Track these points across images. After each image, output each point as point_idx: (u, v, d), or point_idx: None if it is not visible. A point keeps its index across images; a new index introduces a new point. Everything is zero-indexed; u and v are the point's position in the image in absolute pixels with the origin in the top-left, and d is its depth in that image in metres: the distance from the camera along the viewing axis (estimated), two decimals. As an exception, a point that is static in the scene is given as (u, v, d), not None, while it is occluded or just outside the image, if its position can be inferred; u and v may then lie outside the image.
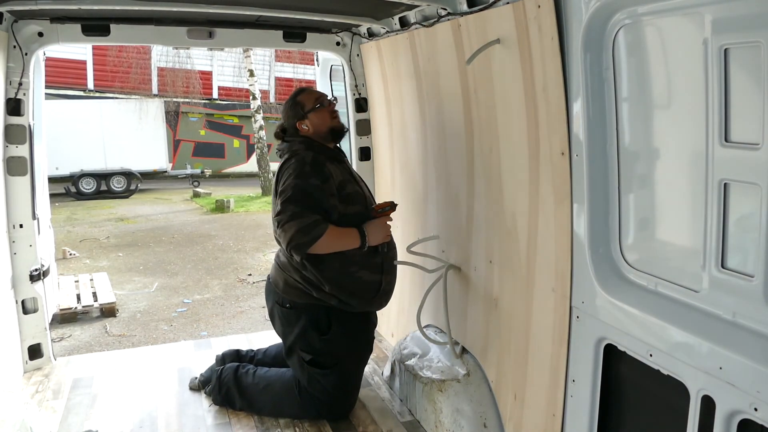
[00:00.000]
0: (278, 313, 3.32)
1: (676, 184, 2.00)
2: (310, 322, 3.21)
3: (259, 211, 15.16)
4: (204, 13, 3.61)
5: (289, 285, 3.23)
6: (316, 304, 3.19)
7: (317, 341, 3.21)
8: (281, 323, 3.33)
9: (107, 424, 3.28)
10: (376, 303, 3.31)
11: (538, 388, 2.63)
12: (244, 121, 21.64)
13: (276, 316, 3.36)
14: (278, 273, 3.30)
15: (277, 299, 3.31)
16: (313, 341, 3.22)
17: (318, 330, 3.21)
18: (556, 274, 2.44)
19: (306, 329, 3.22)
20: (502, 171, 2.79)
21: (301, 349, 3.25)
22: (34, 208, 3.71)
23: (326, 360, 3.23)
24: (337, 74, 4.72)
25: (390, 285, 3.34)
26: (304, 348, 3.24)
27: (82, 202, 17.18)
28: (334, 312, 3.20)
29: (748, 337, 1.73)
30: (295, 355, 3.28)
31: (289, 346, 3.31)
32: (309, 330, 3.21)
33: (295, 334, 3.26)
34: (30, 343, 3.79)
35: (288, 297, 3.25)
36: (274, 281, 3.33)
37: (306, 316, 3.21)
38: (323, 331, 3.21)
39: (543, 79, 2.37)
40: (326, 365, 3.24)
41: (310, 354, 3.23)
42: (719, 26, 1.71)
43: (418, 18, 3.33)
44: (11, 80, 3.49)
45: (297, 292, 3.21)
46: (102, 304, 7.22)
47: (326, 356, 3.23)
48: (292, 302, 3.24)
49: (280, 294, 3.28)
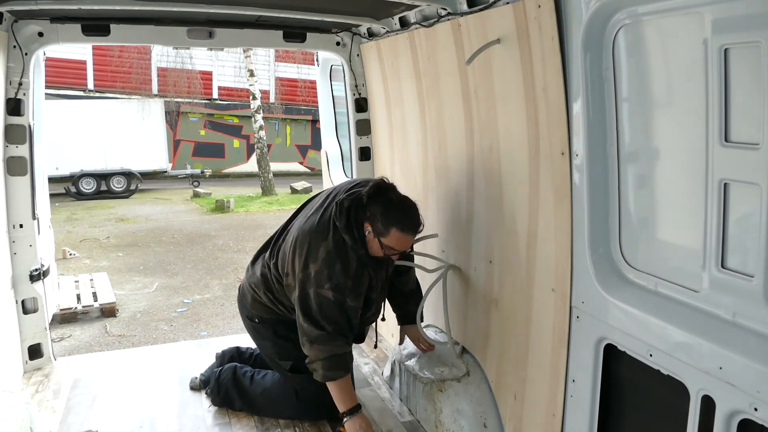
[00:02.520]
0: (248, 327, 3.40)
1: (676, 184, 1.99)
2: (280, 333, 3.27)
3: (259, 211, 15.17)
4: (204, 13, 3.61)
5: (256, 301, 3.29)
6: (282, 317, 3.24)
7: (291, 348, 3.20)
8: (253, 336, 3.42)
9: (107, 424, 3.28)
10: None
11: (538, 388, 2.62)
12: (244, 121, 21.64)
13: (248, 329, 3.45)
14: (246, 288, 3.35)
15: (246, 313, 3.39)
16: (287, 349, 3.24)
17: (288, 339, 3.20)
18: (556, 274, 2.44)
19: (277, 340, 3.28)
20: (502, 171, 2.79)
21: (279, 359, 3.30)
22: (34, 208, 3.71)
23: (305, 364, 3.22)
24: (337, 74, 4.71)
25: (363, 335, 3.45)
26: (281, 357, 3.29)
27: (82, 202, 17.18)
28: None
29: (748, 337, 1.73)
30: (276, 365, 3.34)
31: (269, 358, 3.38)
32: (280, 340, 3.27)
33: (270, 347, 3.32)
34: (30, 343, 3.79)
35: (255, 312, 3.31)
36: (242, 294, 3.40)
37: (274, 328, 3.28)
38: (294, 338, 3.13)
39: (543, 79, 2.37)
40: (307, 369, 3.21)
41: (290, 361, 3.26)
42: (719, 26, 1.71)
43: (418, 18, 3.33)
44: (11, 80, 3.49)
45: (263, 308, 3.27)
46: (102, 304, 7.22)
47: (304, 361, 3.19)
48: (258, 316, 3.31)
49: (248, 309, 3.35)
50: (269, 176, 17.84)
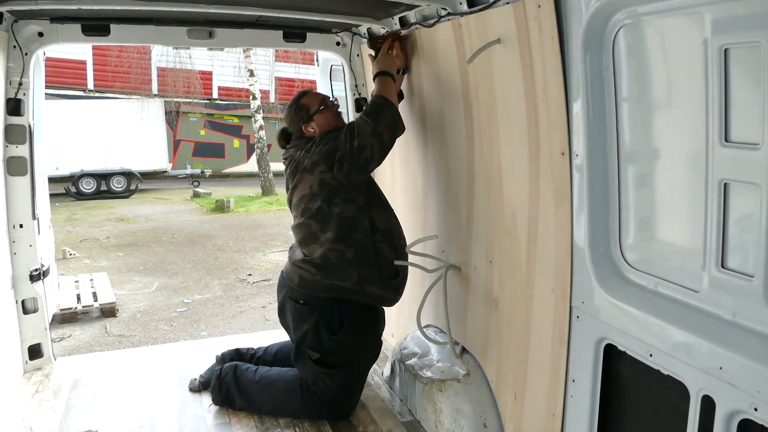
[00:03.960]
0: (290, 308, 3.31)
1: (676, 184, 1.99)
2: (323, 320, 3.21)
3: (259, 211, 15.17)
4: (204, 13, 3.61)
5: (304, 279, 3.23)
6: (331, 300, 3.19)
7: (327, 340, 3.21)
8: (293, 318, 3.32)
9: (107, 424, 3.28)
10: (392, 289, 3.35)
11: (538, 388, 2.62)
12: (244, 121, 21.66)
13: (287, 310, 3.35)
14: (293, 269, 3.30)
15: (290, 294, 3.30)
16: (323, 340, 3.22)
17: (329, 328, 3.21)
18: (556, 274, 2.44)
19: (317, 327, 3.22)
20: (502, 171, 2.79)
21: (309, 347, 3.25)
22: (34, 208, 3.71)
23: (334, 359, 3.24)
24: (337, 74, 4.72)
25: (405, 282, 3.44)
26: (313, 346, 3.24)
27: (82, 202, 17.19)
28: (347, 311, 3.21)
29: (748, 337, 1.73)
30: (303, 352, 3.28)
31: (298, 343, 3.31)
32: (320, 328, 3.21)
33: (305, 331, 3.25)
34: (30, 343, 3.79)
35: (302, 291, 3.24)
36: (289, 277, 3.33)
37: (319, 314, 3.21)
38: (334, 330, 3.21)
39: (543, 79, 2.37)
40: (334, 365, 3.24)
41: (319, 353, 3.23)
42: (719, 26, 1.71)
43: (418, 18, 3.33)
44: (11, 80, 3.49)
45: (312, 286, 3.21)
46: (102, 304, 7.23)
47: (334, 356, 3.23)
48: (305, 298, 3.24)
49: (294, 289, 3.27)
50: (269, 176, 17.85)
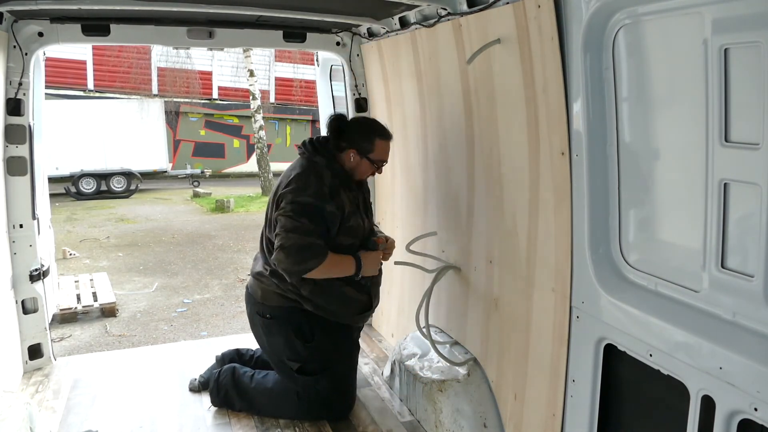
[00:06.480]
0: (259, 323, 3.33)
1: (677, 184, 2.00)
2: (293, 331, 3.21)
3: (259, 211, 15.15)
4: (204, 13, 3.61)
5: (265, 293, 3.25)
6: (294, 309, 3.18)
7: (302, 349, 3.21)
8: (264, 333, 3.33)
9: (107, 424, 3.28)
10: (356, 319, 3.34)
11: (538, 388, 2.62)
12: (244, 121, 21.64)
13: (257, 325, 3.35)
14: (255, 282, 3.31)
15: (257, 309, 3.31)
16: (298, 350, 3.22)
17: (302, 338, 3.21)
18: (556, 274, 2.44)
19: (289, 338, 3.22)
20: (502, 171, 2.79)
21: (288, 359, 3.25)
22: (34, 208, 3.71)
23: (315, 366, 3.23)
24: (337, 74, 4.72)
25: (373, 305, 3.38)
26: (291, 357, 3.24)
27: (82, 202, 17.17)
28: (315, 317, 3.20)
29: (748, 337, 1.73)
30: (283, 365, 3.29)
31: (277, 357, 3.31)
32: (293, 339, 3.22)
33: (280, 344, 3.26)
34: (30, 343, 3.79)
35: (267, 305, 3.24)
36: (253, 290, 3.34)
37: (287, 325, 3.22)
38: (307, 338, 3.21)
39: (543, 79, 2.37)
40: (315, 371, 3.23)
41: (298, 362, 3.23)
42: (719, 26, 1.71)
43: (418, 18, 3.33)
44: (11, 80, 3.49)
45: (274, 296, 3.21)
46: (102, 304, 7.22)
47: (314, 362, 3.23)
48: (271, 312, 3.24)
49: (259, 303, 3.28)
50: (269, 176, 17.83)
